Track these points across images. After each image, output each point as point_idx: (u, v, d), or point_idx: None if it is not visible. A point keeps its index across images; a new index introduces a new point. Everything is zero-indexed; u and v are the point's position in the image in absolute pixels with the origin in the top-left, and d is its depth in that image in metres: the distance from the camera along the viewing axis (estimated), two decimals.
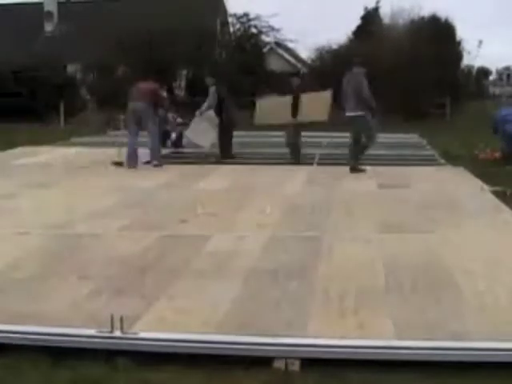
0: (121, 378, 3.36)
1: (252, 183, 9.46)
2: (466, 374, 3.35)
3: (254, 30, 29.55)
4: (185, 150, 13.69)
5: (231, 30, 30.36)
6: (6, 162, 12.02)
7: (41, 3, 33.05)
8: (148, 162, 11.23)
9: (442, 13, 26.90)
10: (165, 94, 19.66)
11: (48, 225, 6.51)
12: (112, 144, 13.59)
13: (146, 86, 11.60)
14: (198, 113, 12.43)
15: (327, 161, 11.86)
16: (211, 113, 12.27)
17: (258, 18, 29.11)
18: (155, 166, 11.05)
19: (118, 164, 11.13)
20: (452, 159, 11.86)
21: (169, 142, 14.19)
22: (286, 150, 12.05)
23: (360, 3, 35.24)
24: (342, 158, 11.13)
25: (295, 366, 3.42)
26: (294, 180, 9.77)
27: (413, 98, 22.29)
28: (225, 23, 30.64)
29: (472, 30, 56.11)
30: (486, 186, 8.72)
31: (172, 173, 10.48)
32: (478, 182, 9.18)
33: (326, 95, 11.52)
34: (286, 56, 32.31)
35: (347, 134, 10.81)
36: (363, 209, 7.43)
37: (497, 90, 35.92)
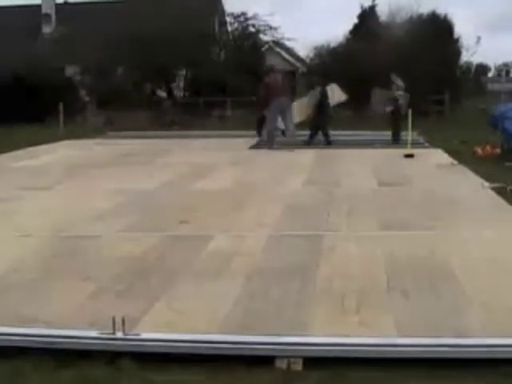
0: (124, 379, 3.36)
1: (252, 182, 9.46)
2: (467, 370, 3.36)
3: (251, 29, 29.54)
4: None
5: (229, 29, 30.34)
6: (7, 164, 12.03)
7: (39, 5, 33.08)
8: None
9: (441, 10, 26.91)
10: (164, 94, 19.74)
11: (49, 227, 6.52)
12: (114, 144, 13.58)
13: None
14: None
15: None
16: None
17: (255, 17, 29.11)
18: None
19: (409, 156, 11.92)
20: (452, 156, 11.86)
21: None
22: None
23: (358, 1, 35.18)
24: None
25: (298, 365, 3.42)
26: (294, 178, 9.77)
27: (411, 96, 22.26)
28: (223, 23, 30.62)
29: (471, 26, 56.12)
30: (486, 183, 8.72)
31: (171, 173, 10.49)
32: (478, 179, 9.18)
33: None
34: (285, 55, 32.30)
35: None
36: (364, 207, 7.43)
37: (495, 87, 35.89)
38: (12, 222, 6.84)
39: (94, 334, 3.64)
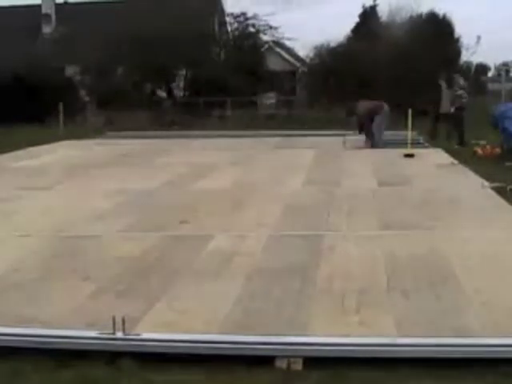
0: (124, 379, 3.36)
1: (252, 181, 9.46)
2: (467, 370, 3.35)
3: (251, 29, 29.54)
4: None
5: (229, 29, 30.35)
6: (7, 164, 12.03)
7: (39, 5, 33.09)
8: None
9: (441, 9, 26.94)
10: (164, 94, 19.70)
11: (49, 227, 6.52)
12: (114, 144, 13.58)
13: None
14: None
15: None
16: None
17: (255, 16, 29.11)
18: None
19: (409, 156, 12.04)
20: (452, 156, 11.86)
21: None
22: None
23: (358, 1, 35.24)
24: None
25: (298, 365, 3.42)
26: (294, 178, 9.77)
27: (412, 95, 22.29)
28: (223, 23, 30.63)
29: (471, 25, 56.13)
30: (486, 183, 8.72)
31: (171, 173, 10.49)
32: (479, 179, 9.18)
33: None
34: (285, 55, 32.28)
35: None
36: (364, 207, 7.43)
37: (495, 86, 35.85)
38: (12, 222, 6.85)
39: (93, 333, 3.65)
